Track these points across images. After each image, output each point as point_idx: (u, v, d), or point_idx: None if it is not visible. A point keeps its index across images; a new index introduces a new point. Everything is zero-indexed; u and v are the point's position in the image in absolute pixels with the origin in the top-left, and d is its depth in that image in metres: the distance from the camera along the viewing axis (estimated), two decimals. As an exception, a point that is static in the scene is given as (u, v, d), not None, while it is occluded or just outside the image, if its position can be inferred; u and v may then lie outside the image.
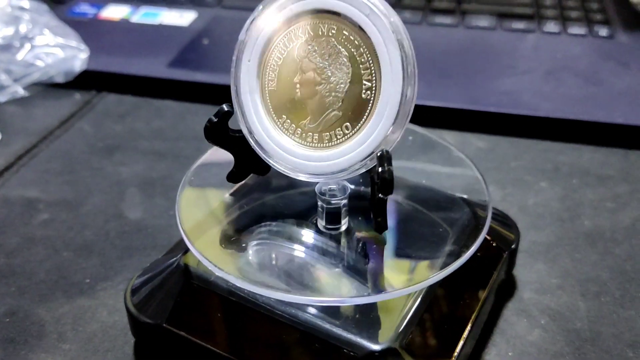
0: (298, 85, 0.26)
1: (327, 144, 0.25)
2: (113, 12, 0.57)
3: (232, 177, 0.28)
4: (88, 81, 0.49)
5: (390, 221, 0.30)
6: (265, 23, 0.25)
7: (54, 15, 0.52)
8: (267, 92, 0.26)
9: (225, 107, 0.27)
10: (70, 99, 0.48)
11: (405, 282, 0.27)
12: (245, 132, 0.27)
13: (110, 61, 0.50)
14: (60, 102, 0.48)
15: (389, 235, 0.29)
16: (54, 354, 0.29)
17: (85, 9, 0.58)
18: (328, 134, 0.25)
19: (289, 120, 0.26)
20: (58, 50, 0.49)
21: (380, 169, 0.24)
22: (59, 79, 0.49)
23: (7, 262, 0.33)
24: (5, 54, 0.48)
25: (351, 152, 0.25)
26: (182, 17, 0.56)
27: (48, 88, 0.49)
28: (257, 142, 0.26)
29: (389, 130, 0.24)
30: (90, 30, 0.54)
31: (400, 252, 0.28)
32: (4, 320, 0.30)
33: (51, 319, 0.30)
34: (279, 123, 0.26)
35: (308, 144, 0.26)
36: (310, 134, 0.26)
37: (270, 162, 0.27)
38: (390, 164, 0.24)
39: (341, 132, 0.25)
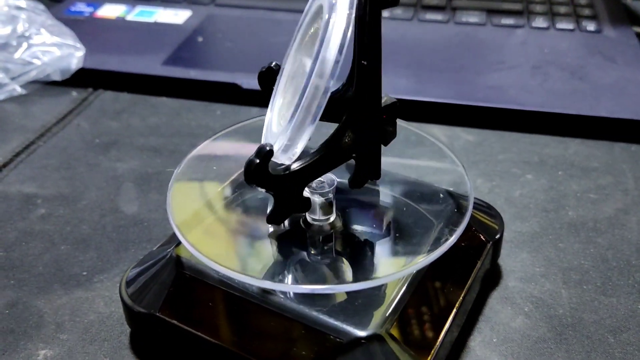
0: None
1: (281, 124, 0.26)
2: (109, 11, 0.58)
3: (272, 218, 0.27)
4: (84, 79, 0.50)
5: (378, 212, 0.31)
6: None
7: (50, 15, 0.53)
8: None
9: (266, 147, 0.24)
10: (67, 96, 0.49)
11: (389, 270, 0.27)
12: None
13: (106, 59, 0.51)
14: (57, 100, 0.49)
15: (376, 226, 0.30)
16: (52, 344, 0.29)
17: (82, 7, 0.59)
18: (284, 114, 0.26)
19: (287, 92, 0.27)
20: (55, 49, 0.50)
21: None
22: (56, 77, 0.50)
23: (7, 255, 0.34)
24: (2, 53, 0.49)
25: (277, 137, 0.26)
26: (177, 15, 0.57)
27: (45, 86, 0.50)
28: (273, 94, 0.28)
29: (291, 128, 0.25)
30: (86, 29, 0.55)
31: (386, 242, 0.29)
32: (3, 312, 0.31)
33: (49, 311, 0.31)
34: (284, 89, 0.28)
35: (279, 116, 0.27)
36: (283, 109, 0.27)
37: (267, 118, 0.28)
38: (259, 157, 0.24)
39: (286, 117, 0.26)
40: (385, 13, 0.57)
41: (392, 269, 0.28)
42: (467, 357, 0.29)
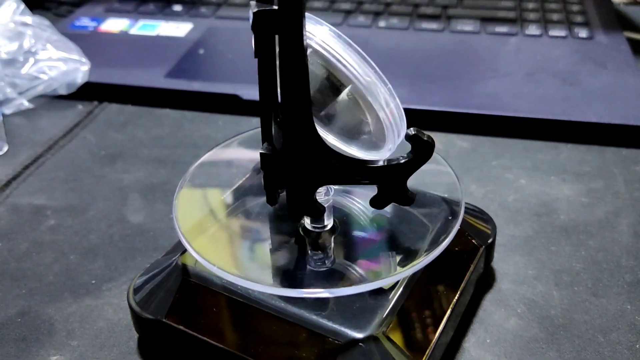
0: None
1: None
2: (112, 25, 0.60)
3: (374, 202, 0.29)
4: (90, 92, 0.51)
5: (373, 218, 0.32)
6: None
7: (55, 30, 0.54)
8: None
9: None
10: (73, 109, 0.51)
11: (384, 274, 0.29)
12: None
13: (111, 73, 0.52)
14: (64, 113, 0.50)
15: (372, 232, 0.31)
16: (63, 350, 0.31)
17: (86, 22, 0.60)
18: None
19: None
20: (60, 64, 0.51)
21: None
22: (62, 91, 0.51)
23: (18, 266, 0.36)
24: (10, 69, 0.50)
25: None
26: (179, 29, 0.59)
27: (52, 100, 0.52)
28: None
29: None
30: (90, 43, 0.56)
31: (382, 247, 0.30)
32: (16, 320, 0.32)
33: (60, 318, 0.32)
34: None
35: None
36: None
37: None
38: None
39: None
40: (381, 23, 0.58)
41: (387, 272, 0.29)
42: (461, 357, 0.30)
